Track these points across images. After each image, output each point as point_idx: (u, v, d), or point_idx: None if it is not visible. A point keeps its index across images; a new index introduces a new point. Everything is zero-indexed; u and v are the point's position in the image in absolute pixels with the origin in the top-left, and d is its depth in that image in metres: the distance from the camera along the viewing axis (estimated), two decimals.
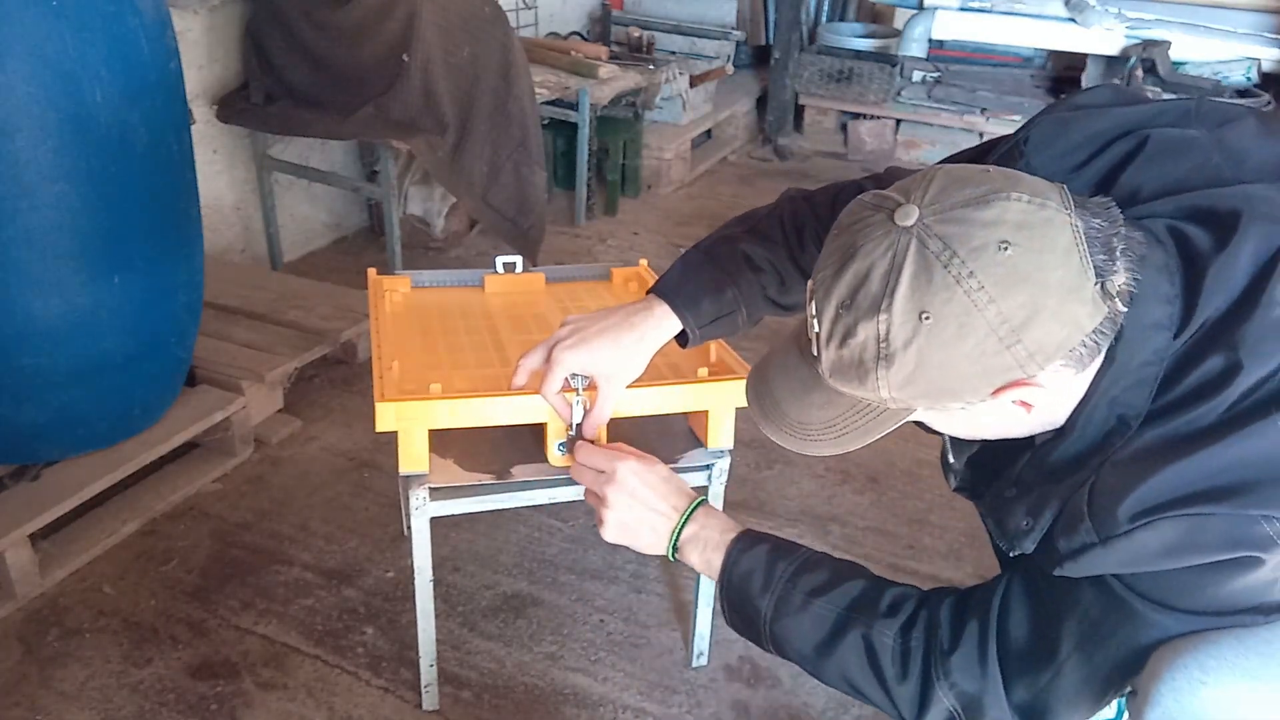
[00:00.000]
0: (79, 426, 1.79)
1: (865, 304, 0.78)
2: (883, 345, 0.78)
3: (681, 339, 1.23)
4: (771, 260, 1.20)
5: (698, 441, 1.45)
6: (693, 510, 1.14)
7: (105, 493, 1.85)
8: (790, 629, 1.04)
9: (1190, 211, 0.83)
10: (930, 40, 4.61)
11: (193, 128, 1.76)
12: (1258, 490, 0.74)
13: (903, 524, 2.01)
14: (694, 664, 1.64)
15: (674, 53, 4.21)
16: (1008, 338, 0.75)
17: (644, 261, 1.76)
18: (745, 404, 1.39)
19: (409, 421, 1.27)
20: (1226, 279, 0.80)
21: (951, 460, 1.08)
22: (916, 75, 4.52)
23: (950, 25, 4.53)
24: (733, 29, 4.40)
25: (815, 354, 0.85)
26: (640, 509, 1.15)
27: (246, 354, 2.17)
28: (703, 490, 1.44)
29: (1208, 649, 0.81)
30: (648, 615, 1.75)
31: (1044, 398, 0.81)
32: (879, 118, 4.43)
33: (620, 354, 1.20)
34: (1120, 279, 0.77)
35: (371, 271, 1.67)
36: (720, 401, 1.38)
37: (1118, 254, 0.77)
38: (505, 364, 1.28)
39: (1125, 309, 0.78)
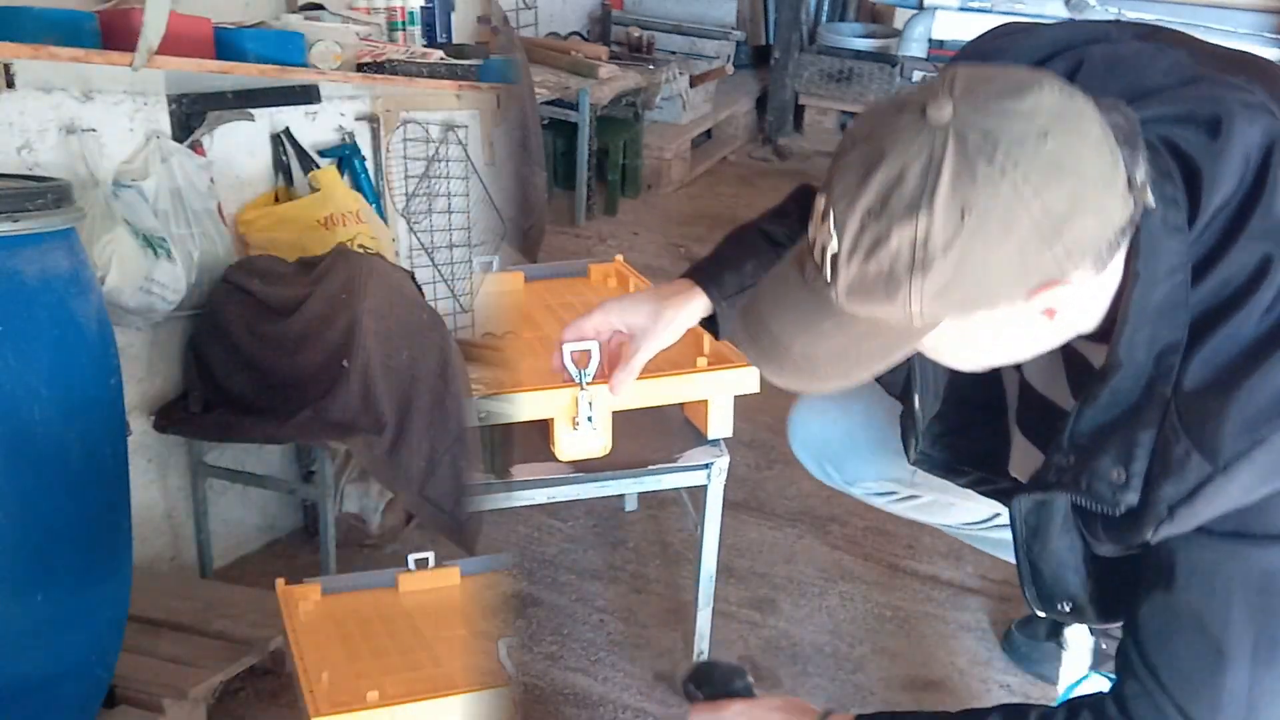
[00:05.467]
0: None
1: (900, 207, 0.73)
2: (919, 250, 0.73)
3: (712, 326, 1.24)
4: (788, 234, 1.21)
5: (696, 435, 1.44)
6: None
7: None
8: None
9: (1171, 116, 0.83)
10: (930, 40, 4.60)
11: (128, 439, 1.73)
12: None
13: (903, 524, 2.00)
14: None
15: (674, 53, 4.21)
16: (1049, 234, 0.72)
17: (619, 258, 1.78)
18: (744, 392, 1.41)
19: None
20: (1226, 170, 0.79)
21: (919, 413, 1.07)
22: (916, 75, 4.52)
23: (950, 25, 4.52)
24: (733, 29, 4.40)
25: (829, 278, 0.78)
26: None
27: (170, 669, 1.89)
28: (702, 490, 1.44)
29: None
30: (648, 615, 1.74)
31: (1071, 300, 0.78)
32: None
33: (660, 313, 1.21)
34: (1141, 173, 0.76)
35: (280, 582, 1.58)
36: (719, 390, 1.39)
37: (1139, 149, 0.76)
38: (435, 663, 1.29)
39: (1151, 204, 0.77)
